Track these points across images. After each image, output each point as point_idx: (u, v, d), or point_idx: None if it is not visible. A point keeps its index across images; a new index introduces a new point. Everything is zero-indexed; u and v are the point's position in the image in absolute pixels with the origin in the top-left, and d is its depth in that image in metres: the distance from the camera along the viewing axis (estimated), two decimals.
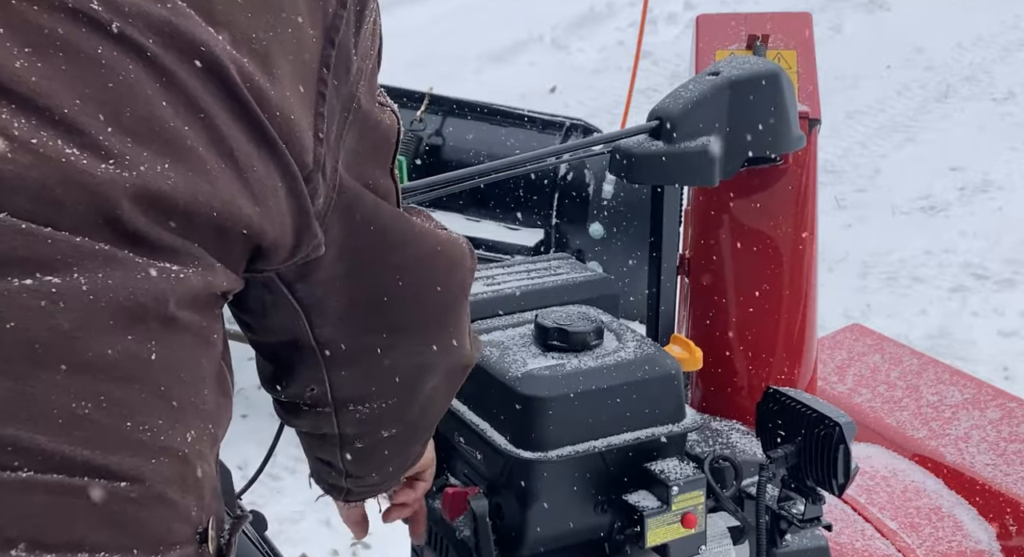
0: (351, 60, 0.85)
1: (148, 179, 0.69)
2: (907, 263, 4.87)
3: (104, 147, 0.68)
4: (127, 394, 0.68)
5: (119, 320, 0.68)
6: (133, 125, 0.69)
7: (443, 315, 1.11)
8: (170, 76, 0.71)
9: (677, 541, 1.46)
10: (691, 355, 1.67)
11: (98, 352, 0.66)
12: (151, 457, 0.69)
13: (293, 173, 0.79)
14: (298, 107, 0.80)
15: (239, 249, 0.78)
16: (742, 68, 1.68)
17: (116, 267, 0.68)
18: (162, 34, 0.71)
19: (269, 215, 0.78)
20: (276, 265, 0.85)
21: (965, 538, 2.20)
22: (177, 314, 0.72)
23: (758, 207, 1.89)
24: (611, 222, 3.87)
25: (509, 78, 6.59)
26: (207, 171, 0.72)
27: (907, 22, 7.45)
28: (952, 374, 2.66)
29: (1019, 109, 6.43)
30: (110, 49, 0.69)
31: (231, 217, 0.74)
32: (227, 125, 0.74)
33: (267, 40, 0.77)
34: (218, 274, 0.75)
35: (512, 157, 1.67)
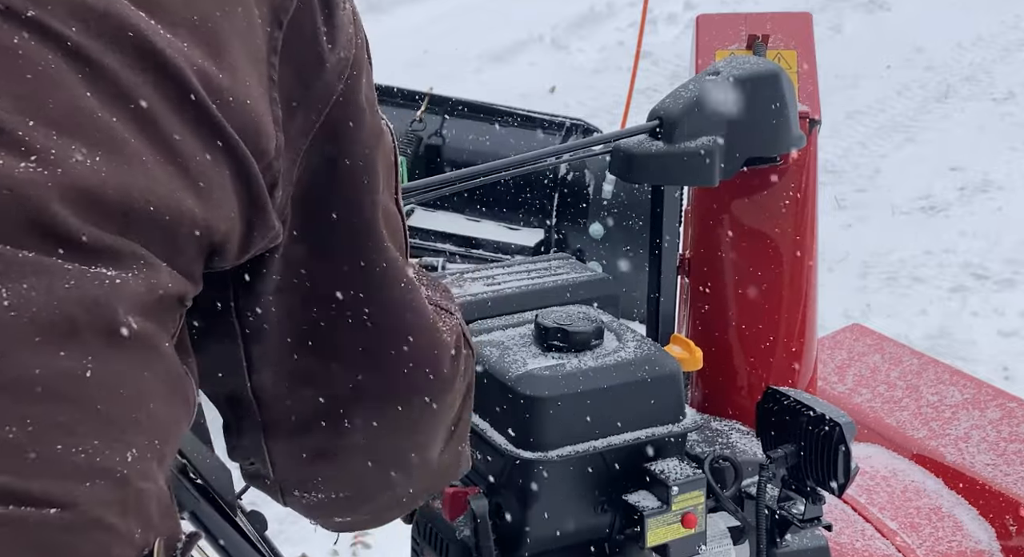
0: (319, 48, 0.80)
1: (77, 175, 0.64)
2: (907, 263, 4.87)
3: (24, 143, 0.63)
4: (57, 415, 0.63)
5: (47, 335, 0.63)
6: (58, 117, 0.64)
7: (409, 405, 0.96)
8: (94, 65, 0.66)
9: (677, 541, 1.46)
10: (691, 355, 1.67)
11: (23, 371, 0.62)
12: (85, 480, 0.64)
13: (244, 160, 0.74)
14: (255, 91, 0.75)
15: (190, 248, 0.72)
16: (742, 68, 1.68)
17: (43, 277, 0.63)
18: (85, 20, 0.66)
19: (217, 207, 0.72)
20: (230, 261, 0.78)
21: (965, 538, 2.20)
22: (116, 323, 0.66)
23: (758, 207, 1.89)
24: (611, 222, 3.88)
25: (509, 78, 6.59)
26: (142, 163, 0.67)
27: (907, 22, 7.45)
28: (952, 374, 2.66)
29: (1019, 109, 6.43)
30: (27, 39, 0.64)
31: (172, 212, 0.69)
32: (164, 114, 0.69)
33: (213, 22, 0.73)
34: (164, 276, 0.70)
35: (512, 157, 1.67)
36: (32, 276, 0.62)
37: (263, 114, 0.76)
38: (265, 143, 0.76)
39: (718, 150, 1.65)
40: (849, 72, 6.60)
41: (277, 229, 0.80)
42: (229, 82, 0.73)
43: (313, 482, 1.00)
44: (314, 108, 0.81)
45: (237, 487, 1.47)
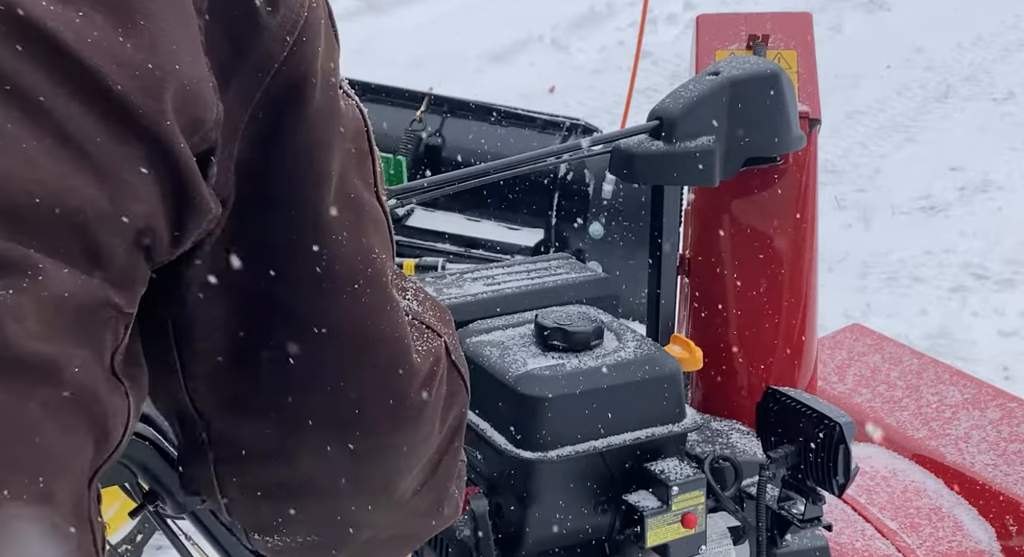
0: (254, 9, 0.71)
1: None
2: (907, 263, 4.87)
3: None
4: None
5: None
6: None
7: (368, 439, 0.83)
8: None
9: (677, 541, 1.46)
10: (691, 355, 1.67)
11: None
12: None
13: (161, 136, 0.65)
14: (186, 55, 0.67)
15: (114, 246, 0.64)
16: (742, 68, 1.68)
17: None
18: None
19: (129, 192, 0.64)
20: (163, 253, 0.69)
21: (965, 538, 2.20)
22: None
23: (758, 207, 1.89)
24: (611, 222, 3.88)
25: (509, 78, 6.59)
26: (21, 151, 0.59)
27: (907, 22, 7.45)
28: (952, 374, 2.66)
29: (1019, 109, 6.43)
30: None
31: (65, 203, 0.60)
32: (49, 94, 0.60)
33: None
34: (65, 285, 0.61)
35: (512, 157, 1.68)
36: None
37: (198, 81, 0.68)
38: (201, 111, 0.68)
39: (718, 150, 1.65)
40: (849, 72, 6.60)
41: (214, 210, 0.71)
42: (146, 51, 0.64)
43: (273, 524, 0.88)
44: (252, 76, 0.72)
45: None
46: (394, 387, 0.83)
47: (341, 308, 0.79)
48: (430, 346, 0.87)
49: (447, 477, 0.95)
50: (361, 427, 0.83)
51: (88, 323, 0.63)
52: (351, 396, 0.81)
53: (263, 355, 0.78)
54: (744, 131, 1.67)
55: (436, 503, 0.95)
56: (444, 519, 0.98)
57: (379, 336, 0.81)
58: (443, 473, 0.94)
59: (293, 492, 0.86)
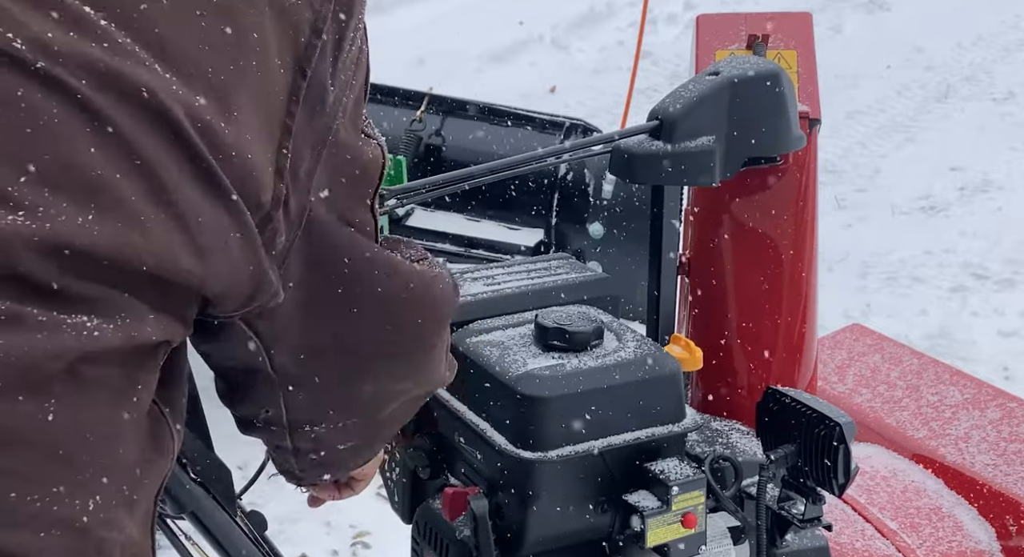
0: (326, 91, 0.80)
1: (62, 231, 0.64)
2: (907, 263, 4.87)
3: (12, 198, 0.63)
4: (16, 462, 0.62)
5: (10, 382, 0.62)
6: (52, 173, 0.64)
7: (416, 351, 1.07)
8: (102, 120, 0.66)
9: (677, 541, 1.46)
10: (691, 355, 1.67)
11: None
12: (40, 530, 0.63)
13: (246, 221, 0.75)
14: (256, 144, 0.75)
15: (182, 299, 0.73)
16: (742, 68, 1.68)
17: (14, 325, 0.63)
18: (96, 74, 0.65)
19: (216, 266, 0.73)
20: (229, 313, 0.80)
21: (965, 538, 2.20)
22: (86, 371, 0.66)
23: (758, 207, 1.89)
24: (611, 222, 3.88)
25: (509, 78, 6.59)
26: (140, 222, 0.67)
27: (907, 22, 7.45)
28: (952, 374, 2.66)
29: (1019, 109, 6.43)
30: (33, 91, 0.64)
31: (167, 270, 0.69)
32: (169, 172, 0.69)
33: (227, 75, 0.72)
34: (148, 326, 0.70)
35: (512, 157, 1.67)
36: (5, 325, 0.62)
37: (264, 166, 0.76)
38: (263, 195, 0.76)
39: (718, 150, 1.65)
40: (849, 72, 6.60)
41: (276, 287, 0.82)
42: (234, 137, 0.73)
43: (326, 414, 1.05)
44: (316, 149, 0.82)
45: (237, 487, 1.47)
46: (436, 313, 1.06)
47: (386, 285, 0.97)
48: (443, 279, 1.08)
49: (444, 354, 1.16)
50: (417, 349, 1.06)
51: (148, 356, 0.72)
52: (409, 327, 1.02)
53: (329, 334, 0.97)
54: (744, 131, 1.67)
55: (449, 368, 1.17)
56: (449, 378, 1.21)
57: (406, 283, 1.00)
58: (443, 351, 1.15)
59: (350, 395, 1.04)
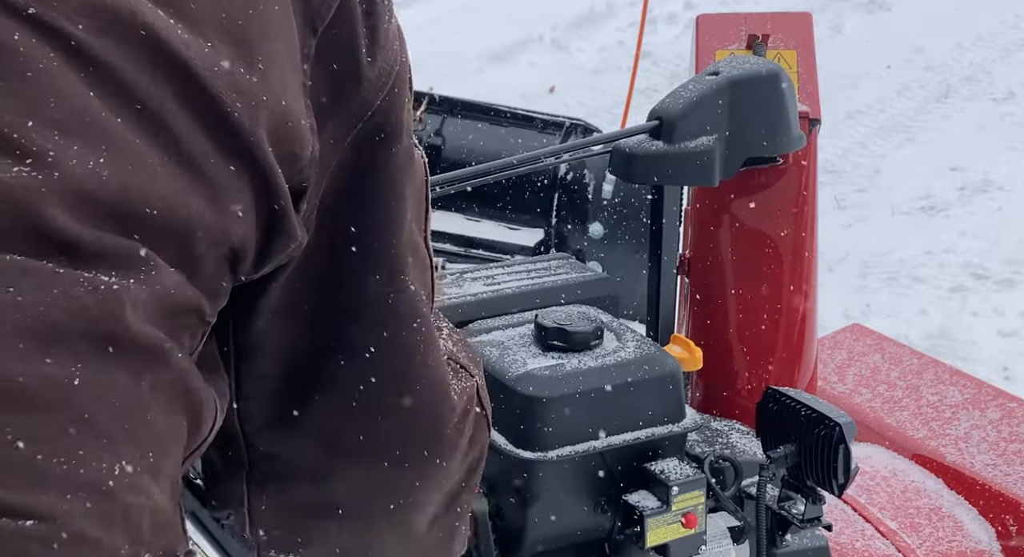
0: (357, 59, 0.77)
1: (76, 176, 0.62)
2: (907, 263, 4.87)
3: (19, 146, 0.61)
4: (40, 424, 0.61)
5: (32, 342, 0.60)
6: (59, 117, 0.62)
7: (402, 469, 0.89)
8: (99, 64, 0.64)
9: (677, 541, 1.46)
10: (691, 355, 1.67)
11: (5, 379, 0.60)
12: (66, 492, 0.61)
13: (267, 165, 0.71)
14: (291, 93, 0.72)
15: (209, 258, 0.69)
16: (742, 68, 1.68)
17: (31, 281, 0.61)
18: (94, 17, 0.64)
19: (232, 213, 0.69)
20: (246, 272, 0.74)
21: (965, 538, 2.20)
22: (112, 331, 0.63)
23: (758, 207, 1.89)
24: (611, 222, 3.88)
25: (509, 78, 6.59)
26: (147, 165, 0.65)
27: (907, 22, 7.45)
28: (952, 374, 2.66)
29: (1019, 109, 6.43)
30: (27, 35, 0.62)
31: (179, 216, 0.66)
32: (175, 116, 0.66)
33: (244, 20, 0.70)
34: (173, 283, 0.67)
35: (512, 157, 1.68)
36: (21, 280, 0.60)
37: (298, 118, 0.73)
38: (298, 148, 0.73)
39: (718, 150, 1.65)
40: (849, 72, 6.60)
41: (300, 239, 0.76)
42: (260, 84, 0.70)
43: (294, 542, 0.92)
44: (347, 121, 0.78)
45: None
46: (434, 422, 0.88)
47: (397, 345, 0.84)
48: (464, 385, 0.93)
49: (461, 513, 0.99)
50: (397, 457, 0.88)
51: (179, 322, 0.69)
52: (394, 428, 0.86)
53: (318, 383, 0.83)
54: (744, 131, 1.67)
55: (448, 538, 0.99)
56: (453, 554, 1.02)
57: (426, 373, 0.86)
58: (457, 509, 0.98)
59: (320, 513, 0.90)
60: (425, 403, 0.87)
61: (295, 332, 0.82)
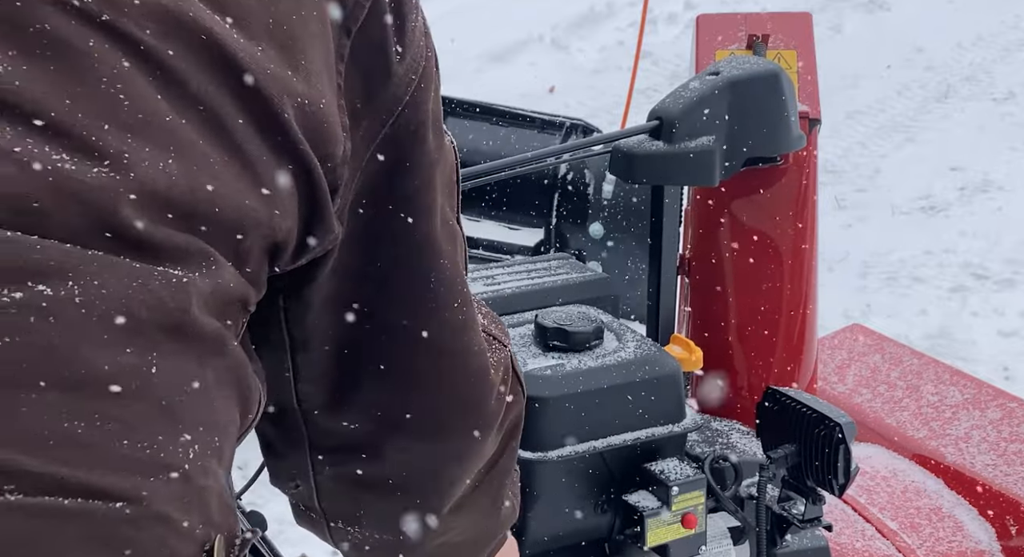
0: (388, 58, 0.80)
1: (148, 177, 0.66)
2: (907, 263, 4.87)
3: (97, 148, 0.64)
4: (124, 410, 0.64)
5: (115, 333, 0.64)
6: (132, 121, 0.66)
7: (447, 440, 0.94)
8: (165, 68, 0.67)
9: (677, 541, 1.46)
10: (691, 355, 1.67)
11: (92, 368, 0.63)
12: (150, 475, 0.65)
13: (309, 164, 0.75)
14: (328, 95, 0.76)
15: (256, 250, 0.73)
16: (742, 68, 1.68)
17: (111, 275, 0.64)
18: (160, 22, 0.67)
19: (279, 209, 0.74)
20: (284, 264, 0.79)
21: (965, 538, 2.20)
22: (181, 321, 0.68)
23: (758, 207, 1.89)
24: (611, 222, 3.87)
25: (509, 78, 6.59)
26: (209, 165, 0.69)
27: (907, 22, 7.45)
28: (952, 374, 2.66)
29: (1019, 109, 6.43)
30: (101, 42, 0.65)
31: (237, 213, 0.70)
32: (232, 117, 0.70)
33: (289, 25, 0.74)
34: (229, 276, 0.71)
35: (512, 157, 1.67)
36: (102, 275, 0.64)
37: (334, 118, 0.76)
38: (333, 147, 0.77)
39: (718, 150, 1.65)
40: (849, 72, 6.60)
41: (336, 232, 0.80)
42: (303, 86, 0.74)
43: (356, 515, 1.00)
44: (378, 118, 0.81)
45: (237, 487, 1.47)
46: (478, 397, 0.94)
47: (441, 325, 0.89)
48: (499, 356, 0.98)
49: (504, 476, 1.05)
50: (443, 431, 0.94)
51: (232, 311, 0.73)
52: (442, 404, 0.92)
53: (369, 365, 0.89)
54: (744, 131, 1.67)
55: (494, 502, 1.06)
56: (504, 520, 1.10)
57: (469, 350, 0.92)
58: (499, 473, 1.04)
59: (378, 487, 0.96)
60: (469, 378, 0.93)
61: (344, 318, 0.86)
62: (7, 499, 0.60)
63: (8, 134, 0.62)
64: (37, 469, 0.61)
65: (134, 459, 0.65)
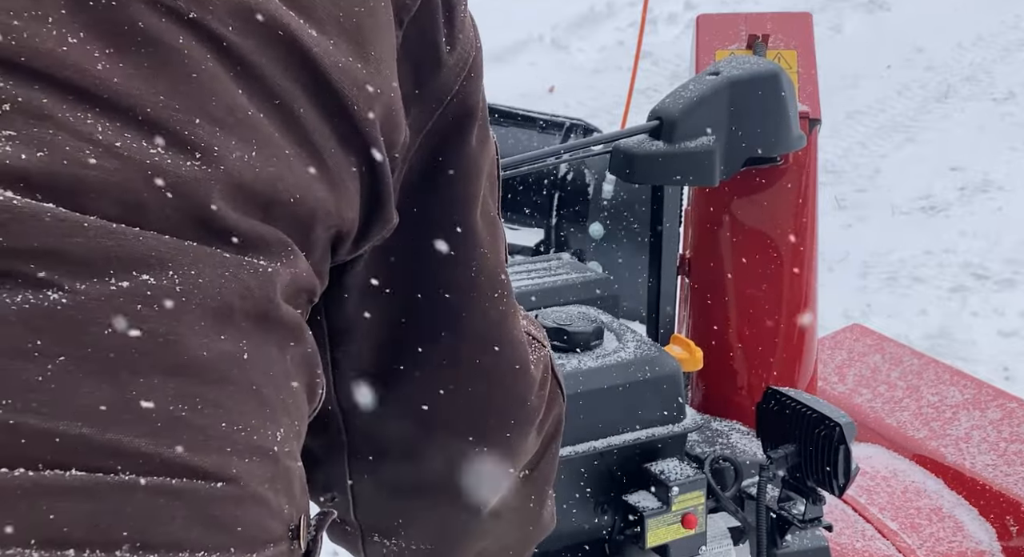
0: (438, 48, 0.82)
1: (236, 170, 0.68)
2: (907, 263, 4.87)
3: (190, 142, 0.67)
4: (222, 395, 0.67)
5: (211, 320, 0.67)
6: (220, 115, 0.68)
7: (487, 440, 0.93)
8: (246, 64, 0.70)
9: (677, 541, 1.46)
10: (691, 355, 1.67)
11: (193, 354, 0.66)
12: (245, 457, 0.68)
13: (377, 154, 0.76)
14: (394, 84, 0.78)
15: (322, 239, 0.75)
16: (742, 68, 1.68)
17: (206, 265, 0.67)
18: (241, 19, 0.70)
19: (347, 199, 0.75)
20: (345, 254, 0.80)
21: (966, 538, 2.19)
22: (267, 309, 0.70)
23: (758, 207, 1.89)
24: (611, 222, 3.87)
25: (509, 78, 6.59)
26: (285, 157, 0.71)
27: (907, 22, 7.45)
28: (952, 374, 2.66)
29: (1019, 109, 6.43)
30: (189, 39, 0.68)
31: (310, 204, 0.72)
32: (306, 110, 0.72)
33: (358, 18, 0.75)
34: (304, 266, 0.73)
35: (512, 157, 1.67)
36: (197, 265, 0.66)
37: (399, 107, 0.78)
38: (397, 135, 0.78)
39: (718, 150, 1.65)
40: (849, 72, 6.61)
41: (394, 221, 0.81)
42: (373, 77, 0.75)
43: (394, 525, 0.99)
44: (428, 107, 0.82)
45: None
46: (519, 391, 0.93)
47: (483, 315, 0.88)
48: (539, 355, 0.96)
49: (544, 482, 1.04)
50: (485, 430, 0.93)
51: (301, 301, 0.74)
52: (483, 399, 0.91)
53: (410, 357, 0.88)
54: (744, 131, 1.67)
55: (534, 508, 1.04)
56: (543, 526, 1.08)
57: (510, 342, 0.91)
58: (540, 478, 1.02)
59: (419, 491, 0.96)
60: (510, 374, 0.91)
61: (384, 310, 0.86)
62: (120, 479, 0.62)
63: (109, 129, 0.65)
64: (145, 449, 0.63)
65: (232, 441, 0.67)
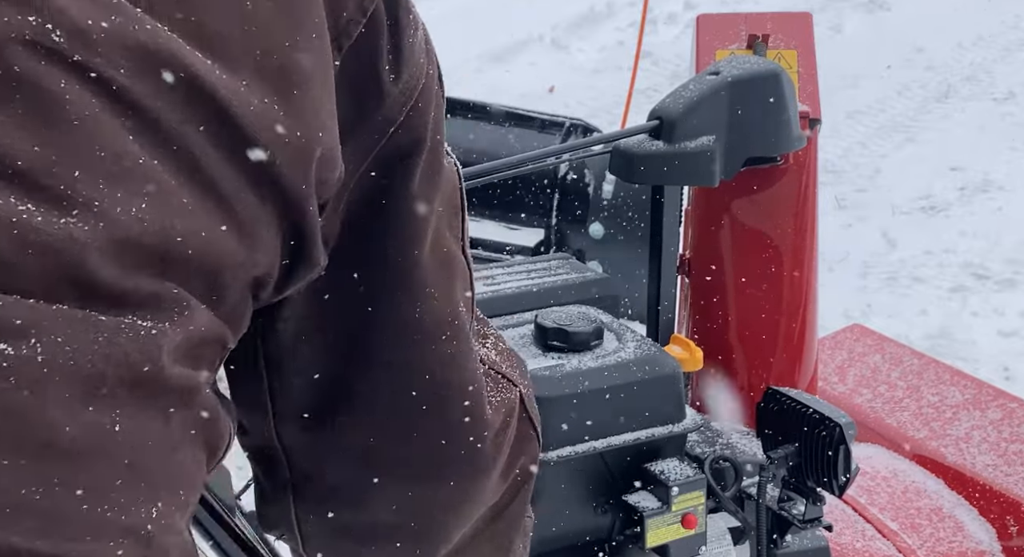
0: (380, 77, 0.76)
1: (120, 225, 0.62)
2: (907, 263, 4.87)
3: (66, 197, 0.61)
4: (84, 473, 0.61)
5: (77, 391, 0.61)
6: (104, 165, 0.63)
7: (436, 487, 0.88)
8: (137, 108, 0.64)
9: (677, 542, 1.46)
10: (691, 355, 1.66)
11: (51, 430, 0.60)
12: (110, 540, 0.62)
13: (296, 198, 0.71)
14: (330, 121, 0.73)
15: (235, 290, 0.70)
16: (742, 68, 1.68)
17: (76, 330, 0.61)
18: (135, 61, 0.64)
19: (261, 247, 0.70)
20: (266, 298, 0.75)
21: (966, 539, 2.19)
22: (147, 375, 0.64)
23: (758, 207, 1.89)
24: (611, 222, 3.87)
25: (509, 78, 6.59)
26: (182, 206, 0.65)
27: (907, 22, 7.45)
28: (953, 374, 2.66)
29: (1019, 109, 6.43)
30: (72, 84, 0.62)
31: (212, 254, 0.67)
32: (208, 155, 0.67)
33: (280, 55, 0.70)
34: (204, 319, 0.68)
35: (512, 157, 1.67)
36: (65, 330, 0.61)
37: (334, 145, 0.73)
38: (328, 172, 0.73)
39: (718, 150, 1.65)
40: (849, 72, 6.60)
41: (322, 264, 0.76)
42: (293, 116, 0.70)
43: None
44: (369, 139, 0.78)
45: (236, 487, 1.47)
46: (468, 437, 0.87)
47: (426, 358, 0.83)
48: (504, 396, 0.91)
49: (512, 528, 0.99)
50: (433, 474, 0.87)
51: (204, 353, 0.69)
52: (427, 443, 0.86)
53: (346, 397, 0.83)
54: (744, 131, 1.67)
55: (499, 551, 0.99)
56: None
57: (459, 386, 0.85)
58: (506, 522, 0.97)
59: (366, 535, 0.91)
60: (457, 417, 0.86)
61: (322, 348, 0.82)
62: None
63: None
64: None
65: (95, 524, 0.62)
